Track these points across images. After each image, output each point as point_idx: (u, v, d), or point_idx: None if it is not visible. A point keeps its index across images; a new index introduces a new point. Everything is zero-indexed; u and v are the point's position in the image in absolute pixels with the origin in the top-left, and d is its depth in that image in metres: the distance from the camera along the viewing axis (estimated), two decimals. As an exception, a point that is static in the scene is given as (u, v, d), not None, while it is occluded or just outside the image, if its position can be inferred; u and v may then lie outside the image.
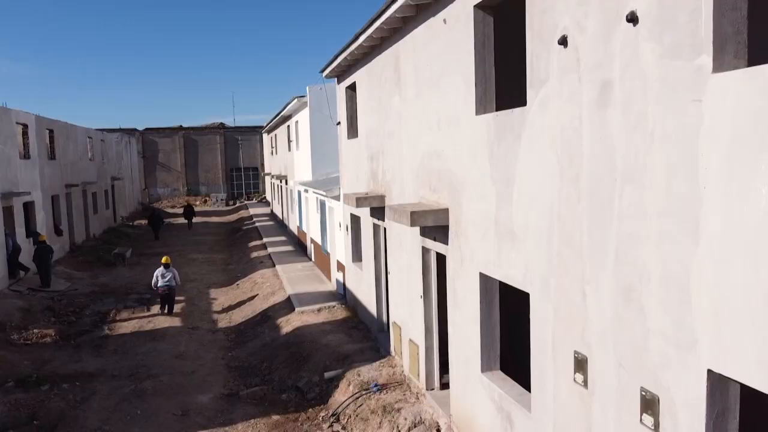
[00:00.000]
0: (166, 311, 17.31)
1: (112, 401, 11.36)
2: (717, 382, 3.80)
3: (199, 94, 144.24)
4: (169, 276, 17.07)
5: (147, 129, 57.34)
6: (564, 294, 5.37)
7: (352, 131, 14.54)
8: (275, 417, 10.42)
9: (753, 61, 3.83)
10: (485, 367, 7.34)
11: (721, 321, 3.68)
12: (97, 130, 36.78)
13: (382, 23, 9.65)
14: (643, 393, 4.36)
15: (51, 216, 24.86)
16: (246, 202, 55.78)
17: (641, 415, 4.39)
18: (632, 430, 4.51)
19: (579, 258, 5.10)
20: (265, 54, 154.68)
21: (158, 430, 10.18)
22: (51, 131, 25.95)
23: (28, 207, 22.25)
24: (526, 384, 6.48)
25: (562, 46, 5.17)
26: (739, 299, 3.54)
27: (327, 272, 19.16)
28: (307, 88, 21.44)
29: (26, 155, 22.48)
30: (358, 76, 13.24)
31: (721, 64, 3.64)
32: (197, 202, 54.63)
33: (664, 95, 4.04)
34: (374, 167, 12.17)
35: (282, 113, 27.76)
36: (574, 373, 5.24)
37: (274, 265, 22.46)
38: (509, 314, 8.16)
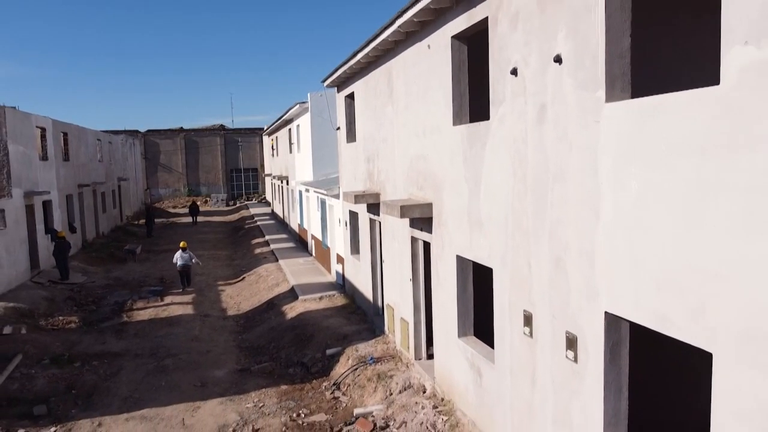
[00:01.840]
0: (185, 288, 20.88)
1: (139, 375, 12.87)
2: (612, 321, 5.34)
3: (199, 95, 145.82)
4: (186, 257, 20.75)
5: (149, 130, 58.68)
6: (516, 266, 6.92)
7: (351, 136, 16.04)
8: (283, 387, 11.94)
9: (639, 93, 5.38)
10: (461, 333, 8.89)
11: (613, 277, 5.21)
12: (101, 131, 38.21)
13: (377, 44, 11.18)
14: (568, 335, 5.90)
15: (66, 214, 26.34)
16: (246, 202, 57.21)
17: (566, 351, 5.93)
18: (561, 363, 6.05)
19: (526, 238, 6.65)
20: (262, 57, 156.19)
21: (181, 397, 11.68)
22: (65, 134, 27.44)
23: (47, 206, 23.72)
24: (492, 344, 8.01)
25: (514, 76, 6.71)
26: (623, 260, 5.08)
27: (327, 265, 20.65)
28: (309, 94, 22.79)
29: (44, 157, 23.96)
30: (356, 87, 14.74)
31: (611, 96, 5.18)
32: (198, 203, 56.02)
33: (578, 117, 5.58)
34: (370, 168, 13.69)
35: (284, 117, 29.09)
36: (524, 327, 6.79)
37: (276, 260, 23.93)
38: (484, 291, 9.68)
